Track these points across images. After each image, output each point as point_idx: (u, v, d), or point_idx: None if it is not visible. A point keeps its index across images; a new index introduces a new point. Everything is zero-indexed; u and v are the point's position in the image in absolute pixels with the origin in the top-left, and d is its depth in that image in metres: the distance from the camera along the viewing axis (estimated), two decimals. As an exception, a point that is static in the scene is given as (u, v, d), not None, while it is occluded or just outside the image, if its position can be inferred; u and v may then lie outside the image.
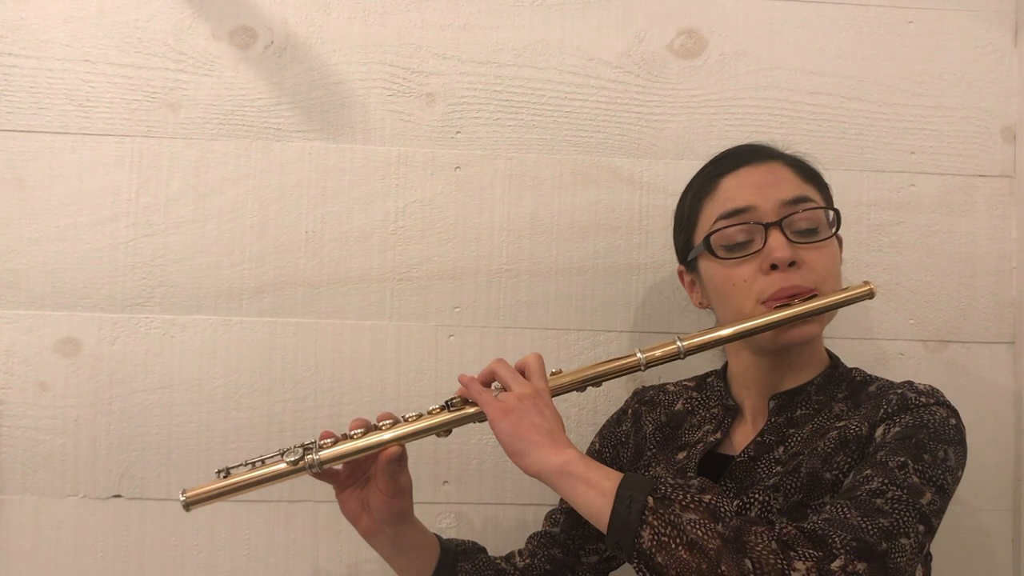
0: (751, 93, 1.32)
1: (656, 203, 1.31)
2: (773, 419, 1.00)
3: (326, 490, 1.23)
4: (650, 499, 0.81)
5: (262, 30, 1.29)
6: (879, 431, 0.91)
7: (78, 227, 1.26)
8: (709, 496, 0.82)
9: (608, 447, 1.15)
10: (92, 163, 1.26)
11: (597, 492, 0.84)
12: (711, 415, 1.07)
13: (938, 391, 0.95)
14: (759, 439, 0.99)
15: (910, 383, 0.97)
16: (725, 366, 1.12)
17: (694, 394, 1.11)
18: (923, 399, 0.93)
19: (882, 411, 0.92)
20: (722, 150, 1.29)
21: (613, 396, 1.27)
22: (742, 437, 1.04)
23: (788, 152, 1.06)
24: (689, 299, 1.12)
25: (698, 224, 1.04)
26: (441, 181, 1.30)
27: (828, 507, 0.83)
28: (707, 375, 1.15)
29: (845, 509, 0.81)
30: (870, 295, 0.98)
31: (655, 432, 1.10)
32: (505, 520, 1.28)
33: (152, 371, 1.25)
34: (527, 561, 1.11)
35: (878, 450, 0.89)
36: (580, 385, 0.98)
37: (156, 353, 1.25)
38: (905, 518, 0.81)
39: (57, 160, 1.26)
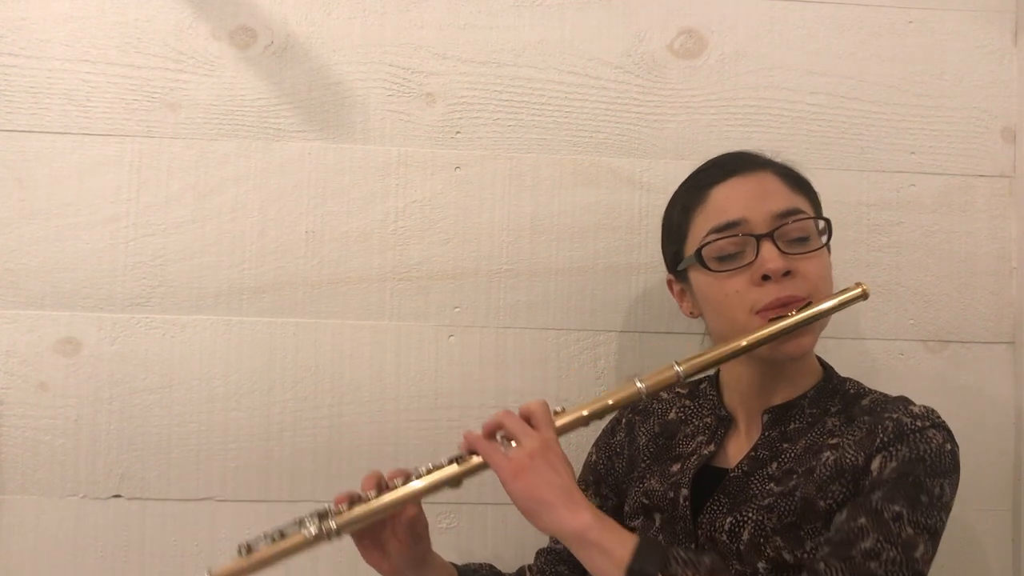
0: (751, 93, 1.32)
1: (656, 203, 1.30)
2: (767, 433, 1.00)
3: (326, 491, 1.23)
4: None
5: (262, 30, 1.29)
6: (876, 463, 0.91)
7: (78, 227, 1.25)
8: None
9: (603, 458, 1.15)
10: (92, 163, 1.26)
11: (611, 563, 0.84)
12: (704, 425, 1.07)
13: (933, 412, 0.95)
14: (753, 454, 0.99)
15: (904, 403, 0.97)
16: (717, 372, 1.11)
17: (687, 402, 1.11)
18: (918, 423, 0.93)
19: (878, 440, 0.92)
20: (721, 150, 1.29)
21: (613, 396, 1.27)
22: (736, 449, 1.03)
23: (776, 160, 1.05)
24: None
25: (688, 236, 1.03)
26: (441, 181, 1.30)
27: (822, 568, 0.85)
28: (700, 382, 1.14)
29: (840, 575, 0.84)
30: (864, 296, 0.97)
31: (649, 443, 1.10)
32: (506, 520, 1.28)
33: (152, 371, 1.25)
34: None
35: (875, 488, 0.89)
36: (584, 422, 0.96)
37: (156, 353, 1.25)
38: None
39: (57, 160, 1.26)
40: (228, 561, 0.94)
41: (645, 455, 1.09)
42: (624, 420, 1.15)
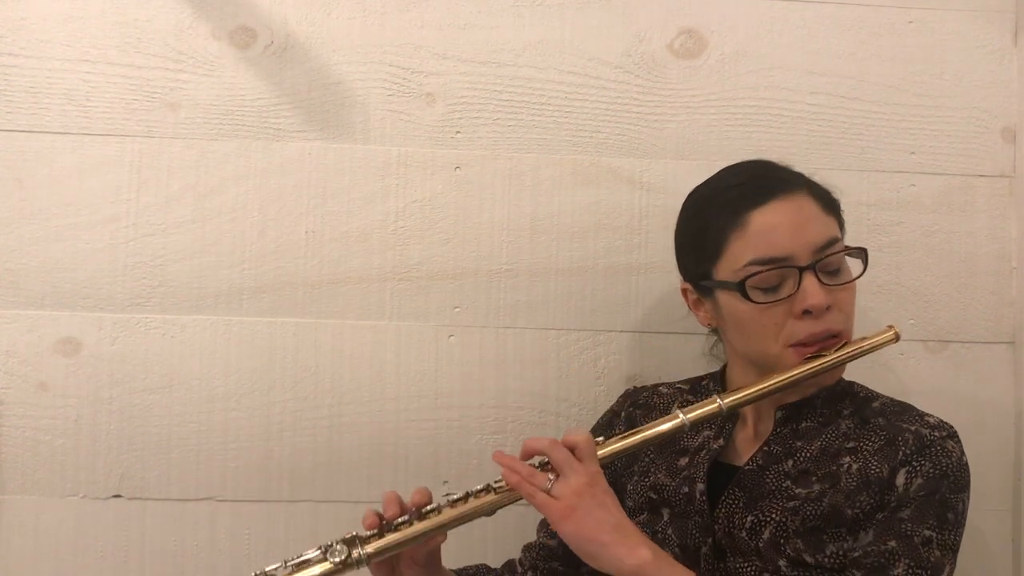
0: (751, 93, 1.32)
1: (656, 203, 1.31)
2: (779, 429, 1.01)
3: (326, 490, 1.23)
4: None
5: (262, 30, 1.29)
6: (901, 478, 0.92)
7: (78, 227, 1.25)
8: None
9: None
10: (92, 163, 1.26)
11: None
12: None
13: (945, 422, 0.97)
14: (766, 448, 1.00)
15: (917, 412, 0.99)
16: (723, 371, 1.11)
17: (689, 397, 1.10)
18: (936, 433, 0.95)
19: (901, 454, 0.94)
20: (721, 150, 1.30)
21: (613, 392, 1.27)
22: (744, 444, 1.04)
23: (807, 176, 1.04)
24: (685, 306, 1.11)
25: (722, 257, 0.99)
26: (441, 181, 1.30)
27: None
28: (701, 378, 1.14)
29: None
30: (895, 339, 1.00)
31: None
32: (505, 520, 1.27)
33: (152, 371, 1.25)
34: (529, 575, 1.12)
35: (902, 506, 0.91)
36: (627, 452, 0.96)
37: (156, 353, 1.25)
38: None
39: (57, 160, 1.26)
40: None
41: (648, 450, 1.09)
42: (624, 414, 1.14)
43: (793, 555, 0.92)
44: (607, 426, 1.16)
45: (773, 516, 0.94)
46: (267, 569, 0.90)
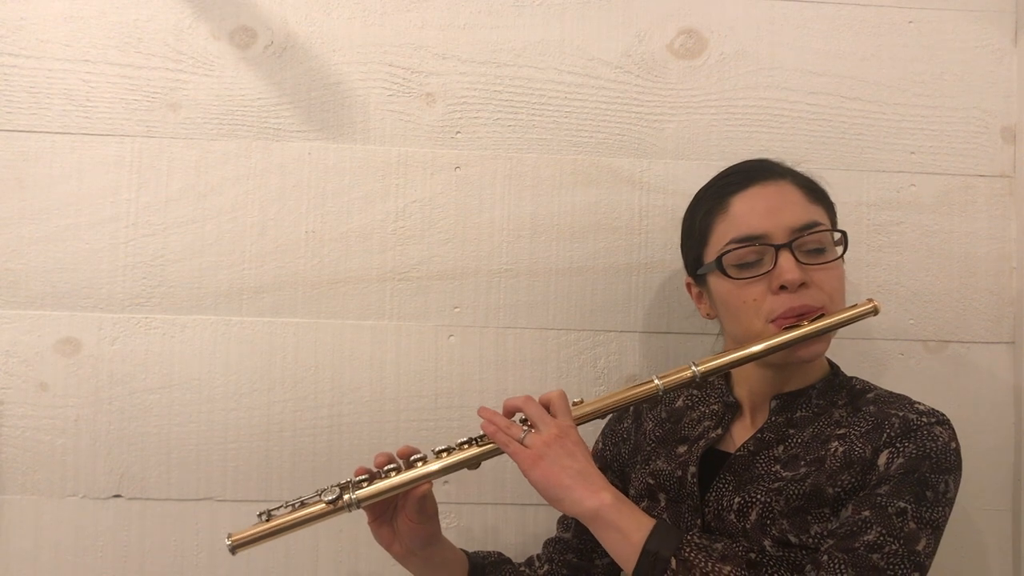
0: (751, 93, 1.32)
1: (656, 203, 1.31)
2: (773, 418, 1.02)
3: (326, 490, 1.22)
4: (673, 560, 0.86)
5: (262, 30, 1.29)
6: (883, 458, 0.93)
7: (78, 227, 1.26)
8: (729, 568, 0.87)
9: (609, 445, 1.17)
10: (92, 163, 1.26)
11: (626, 542, 0.89)
12: (711, 411, 1.09)
13: (937, 410, 0.97)
14: (759, 435, 1.01)
15: (910, 401, 0.99)
16: None
17: (694, 391, 1.13)
18: (924, 419, 0.95)
19: (885, 435, 0.94)
20: (721, 150, 1.31)
21: (613, 396, 1.27)
22: (741, 434, 1.06)
23: (796, 169, 1.06)
24: (691, 302, 1.14)
25: (709, 242, 1.04)
26: (441, 181, 1.30)
27: (826, 560, 0.87)
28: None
29: (843, 566, 0.86)
30: (874, 312, 1.01)
31: (655, 428, 1.12)
32: (506, 520, 1.28)
33: (152, 371, 1.25)
34: (545, 567, 1.15)
35: (881, 483, 0.91)
36: (602, 413, 1.00)
37: (156, 353, 1.25)
38: (901, 573, 0.86)
39: (57, 160, 1.26)
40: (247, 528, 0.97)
41: (651, 439, 1.11)
42: (632, 407, 1.17)
43: (778, 535, 0.93)
44: (616, 420, 1.19)
45: (759, 497, 0.95)
46: (271, 509, 0.98)
